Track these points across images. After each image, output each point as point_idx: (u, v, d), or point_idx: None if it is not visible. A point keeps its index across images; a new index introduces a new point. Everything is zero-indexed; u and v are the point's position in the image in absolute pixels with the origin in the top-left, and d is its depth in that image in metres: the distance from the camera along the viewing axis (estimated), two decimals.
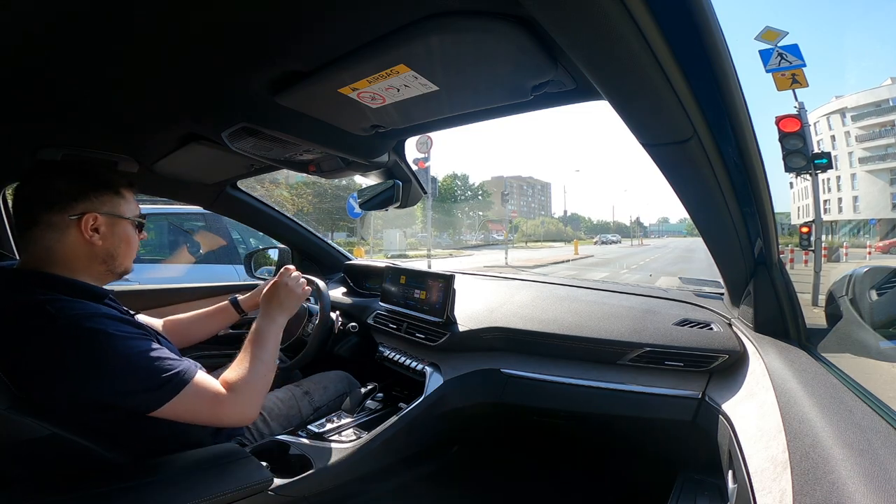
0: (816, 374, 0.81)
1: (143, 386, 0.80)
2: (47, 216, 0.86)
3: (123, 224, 0.95)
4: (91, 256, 0.91)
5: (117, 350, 0.79)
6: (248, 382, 0.93)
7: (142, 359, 0.81)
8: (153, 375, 0.81)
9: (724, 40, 0.53)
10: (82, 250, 0.89)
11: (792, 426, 0.68)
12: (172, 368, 0.83)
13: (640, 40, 0.48)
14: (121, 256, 0.95)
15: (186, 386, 0.83)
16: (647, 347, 1.17)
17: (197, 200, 1.86)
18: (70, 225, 0.87)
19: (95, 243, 0.90)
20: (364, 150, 1.17)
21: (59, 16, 0.63)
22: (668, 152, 0.71)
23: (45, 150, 1.22)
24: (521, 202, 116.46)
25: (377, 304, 1.72)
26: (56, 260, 0.87)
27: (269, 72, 0.80)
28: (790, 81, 7.17)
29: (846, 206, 42.71)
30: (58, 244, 0.87)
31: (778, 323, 1.01)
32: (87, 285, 0.90)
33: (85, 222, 0.88)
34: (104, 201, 0.91)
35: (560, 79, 0.77)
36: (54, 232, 0.86)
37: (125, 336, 0.82)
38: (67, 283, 0.87)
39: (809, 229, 7.81)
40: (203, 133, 1.13)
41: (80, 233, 0.88)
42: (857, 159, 42.35)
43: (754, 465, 0.70)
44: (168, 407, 0.81)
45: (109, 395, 0.79)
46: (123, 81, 0.86)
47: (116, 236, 0.93)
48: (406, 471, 1.26)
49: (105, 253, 0.92)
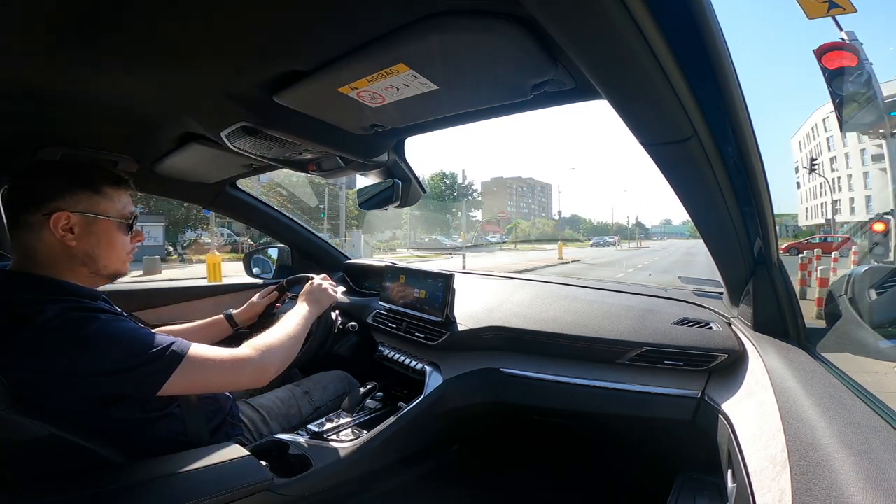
0: (815, 373, 0.81)
1: (137, 361, 0.79)
2: (24, 216, 0.85)
3: (102, 223, 0.91)
4: (69, 257, 0.88)
5: (107, 331, 0.79)
6: (274, 345, 0.98)
7: (134, 336, 0.81)
8: (146, 349, 0.80)
9: (723, 40, 0.53)
10: (58, 250, 0.86)
11: (791, 425, 0.68)
12: (165, 342, 0.83)
13: (639, 40, 0.48)
14: (102, 258, 0.92)
15: (186, 356, 0.83)
16: (647, 347, 1.17)
17: (197, 200, 1.86)
18: (43, 224, 0.85)
19: (69, 243, 0.86)
20: (364, 149, 1.17)
21: (56, 14, 0.63)
22: (667, 151, 0.71)
23: (45, 149, 1.22)
24: (520, 203, 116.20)
25: (377, 303, 1.72)
26: (39, 261, 0.86)
27: (268, 71, 0.80)
28: (827, 6, 4.49)
29: (859, 207, 39.87)
30: (37, 244, 0.85)
31: (777, 322, 1.01)
32: (75, 286, 0.88)
33: (55, 221, 0.85)
34: (79, 199, 0.88)
35: (560, 78, 0.77)
36: (31, 232, 0.85)
37: (114, 319, 0.82)
38: (55, 284, 0.86)
39: (886, 226, 5.55)
40: (202, 132, 1.13)
41: (51, 232, 0.85)
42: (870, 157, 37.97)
43: (753, 464, 0.70)
44: (175, 380, 0.81)
45: (107, 377, 0.78)
46: (122, 81, 0.85)
47: (94, 236, 0.90)
48: (406, 470, 1.26)
49: (83, 254, 0.89)
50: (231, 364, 0.89)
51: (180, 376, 0.82)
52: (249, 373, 0.91)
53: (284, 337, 1.02)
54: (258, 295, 1.53)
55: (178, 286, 2.00)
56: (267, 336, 1.00)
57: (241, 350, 0.93)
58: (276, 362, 0.96)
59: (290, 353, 1.02)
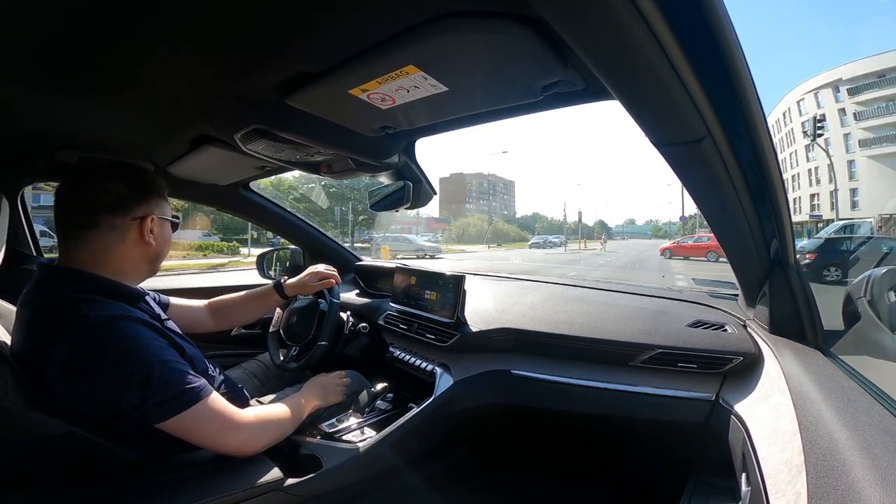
0: (833, 376, 0.80)
1: (154, 396, 0.79)
2: (110, 218, 0.88)
3: (168, 225, 1.00)
4: (143, 257, 0.95)
5: (139, 357, 0.80)
6: (272, 422, 0.97)
7: (161, 368, 0.81)
8: (167, 387, 0.80)
9: (736, 38, 0.52)
10: (138, 251, 0.93)
11: (808, 429, 0.66)
12: (189, 384, 0.83)
13: (650, 39, 0.48)
14: (164, 255, 1.01)
15: (198, 403, 0.82)
16: (660, 349, 1.15)
17: (211, 202, 1.89)
18: (132, 227, 0.91)
19: (150, 244, 0.94)
20: (374, 151, 1.18)
21: (70, 21, 0.64)
22: (681, 152, 0.70)
23: (62, 151, 1.25)
24: (480, 202, 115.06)
25: (388, 304, 1.73)
26: (108, 260, 0.89)
27: (279, 74, 0.81)
28: None
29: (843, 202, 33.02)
30: (118, 246, 0.90)
31: (794, 324, 0.99)
32: (127, 288, 0.92)
33: (146, 225, 0.92)
34: (157, 203, 0.96)
35: (570, 79, 0.76)
36: (116, 233, 0.89)
37: (149, 343, 0.83)
38: (108, 284, 0.88)
39: None
40: (216, 135, 1.14)
41: (141, 235, 0.92)
42: (856, 142, 32.39)
43: (769, 467, 0.69)
44: (173, 421, 0.80)
45: (120, 401, 0.78)
46: (138, 84, 0.87)
47: (163, 237, 0.98)
48: (416, 470, 1.26)
49: (154, 254, 0.97)
50: (229, 426, 0.87)
51: (179, 422, 0.81)
52: (237, 442, 0.89)
53: (285, 416, 1.01)
54: (313, 276, 1.46)
55: (192, 287, 2.03)
56: (271, 409, 1.00)
57: (245, 414, 0.92)
58: (266, 439, 0.94)
59: (282, 434, 0.99)
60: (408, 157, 1.30)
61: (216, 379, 1.07)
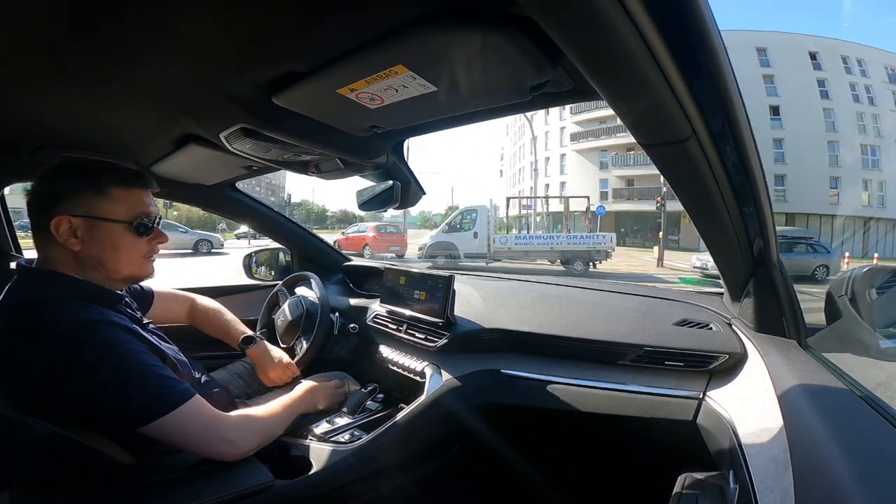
0: (817, 373, 0.81)
1: (132, 401, 0.77)
2: (37, 220, 0.86)
3: (106, 227, 0.89)
4: (78, 261, 0.87)
5: (115, 362, 0.78)
6: (259, 425, 0.95)
7: (139, 372, 0.79)
8: (144, 391, 0.78)
9: (721, 40, 0.52)
10: (66, 254, 0.86)
11: (793, 425, 0.68)
12: (168, 387, 0.81)
13: (638, 41, 0.48)
14: (110, 262, 0.90)
15: (180, 407, 0.80)
16: (647, 348, 1.17)
17: (196, 202, 1.86)
18: (48, 228, 0.84)
19: (73, 248, 0.85)
20: (362, 150, 1.17)
21: (53, 15, 0.63)
22: (667, 152, 0.71)
23: (43, 150, 1.22)
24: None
25: (377, 305, 1.72)
26: (67, 262, 0.86)
27: (267, 72, 0.80)
28: None
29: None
30: (49, 247, 0.86)
31: (778, 322, 1.01)
32: (98, 288, 0.88)
33: (55, 225, 0.84)
34: (81, 202, 0.86)
35: (559, 79, 0.77)
36: (43, 235, 0.85)
37: (126, 349, 0.81)
38: (83, 286, 0.86)
39: None
40: (201, 134, 1.12)
41: (59, 236, 0.84)
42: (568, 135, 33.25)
43: (755, 464, 0.70)
44: (155, 425, 0.78)
45: (99, 405, 0.77)
46: (121, 82, 0.85)
47: (97, 240, 0.88)
48: (407, 471, 1.25)
49: (90, 258, 0.88)
50: (214, 429, 0.85)
51: (161, 426, 0.79)
52: (223, 446, 0.86)
53: (272, 419, 0.99)
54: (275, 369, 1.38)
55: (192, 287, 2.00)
56: (257, 411, 0.98)
57: (230, 417, 0.90)
58: (254, 442, 0.92)
59: (270, 436, 0.97)
60: (396, 157, 1.29)
61: (201, 381, 1.05)
